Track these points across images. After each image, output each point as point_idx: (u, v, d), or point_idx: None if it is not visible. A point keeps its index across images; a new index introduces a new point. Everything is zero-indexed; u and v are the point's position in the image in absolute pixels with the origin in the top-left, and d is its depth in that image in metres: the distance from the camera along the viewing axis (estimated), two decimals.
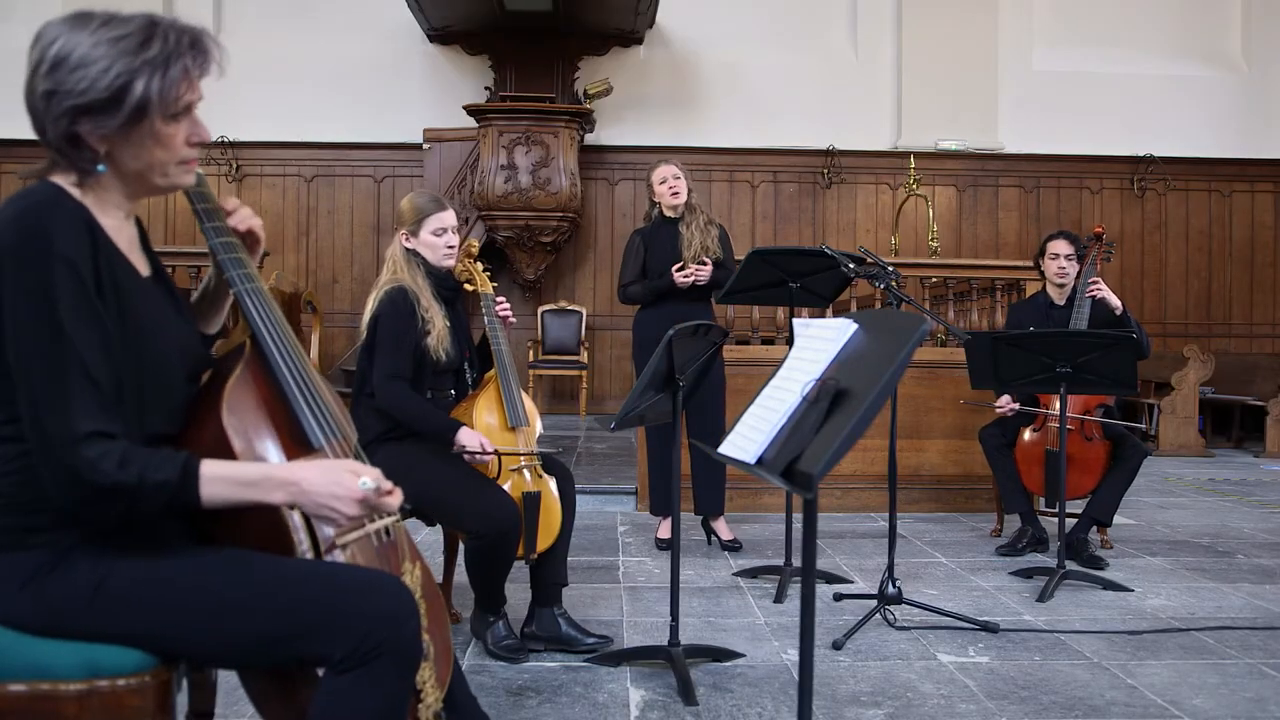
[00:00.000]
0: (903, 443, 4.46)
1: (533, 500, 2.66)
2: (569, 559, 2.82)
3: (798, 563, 3.32)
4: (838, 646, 2.82)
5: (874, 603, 3.09)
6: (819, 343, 1.61)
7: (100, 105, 1.24)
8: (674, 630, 2.58)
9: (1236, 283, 9.59)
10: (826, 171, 9.34)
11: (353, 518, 1.30)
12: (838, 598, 3.33)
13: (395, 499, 1.35)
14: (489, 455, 2.63)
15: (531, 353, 8.63)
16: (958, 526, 4.68)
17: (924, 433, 5.03)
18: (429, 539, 3.82)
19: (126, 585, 1.29)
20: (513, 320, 2.91)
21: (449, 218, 2.78)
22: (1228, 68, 9.57)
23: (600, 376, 9.15)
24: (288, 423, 1.42)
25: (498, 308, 2.89)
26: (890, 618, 3.05)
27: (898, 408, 3.45)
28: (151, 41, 1.26)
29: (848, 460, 4.73)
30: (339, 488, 1.28)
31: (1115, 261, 9.12)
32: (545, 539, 2.70)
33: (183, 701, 1.47)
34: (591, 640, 2.75)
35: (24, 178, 1.34)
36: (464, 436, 2.63)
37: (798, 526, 3.45)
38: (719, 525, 4.16)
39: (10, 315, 1.20)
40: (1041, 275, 4.31)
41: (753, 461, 1.53)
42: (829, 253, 3.34)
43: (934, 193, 9.01)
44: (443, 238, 2.76)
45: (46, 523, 1.28)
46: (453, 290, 2.83)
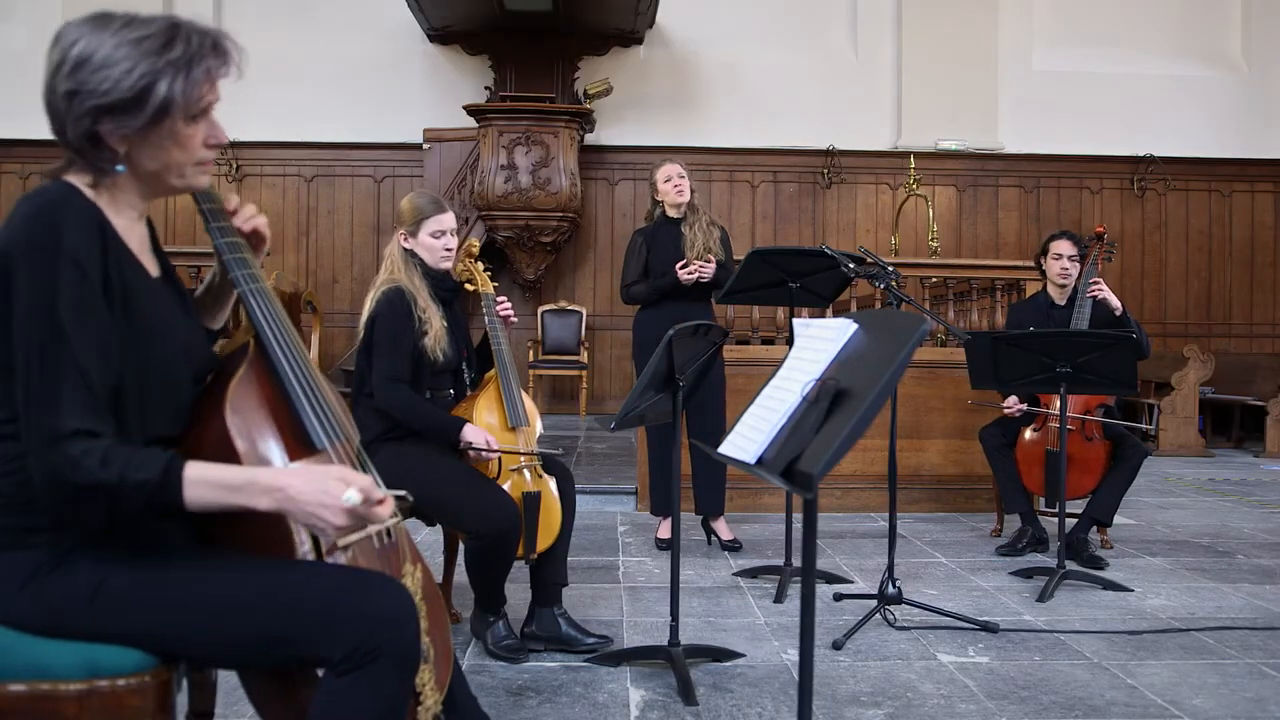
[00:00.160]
0: (903, 443, 4.46)
1: (533, 500, 2.66)
2: (569, 559, 2.82)
3: (798, 563, 3.32)
4: (838, 646, 2.82)
5: (874, 603, 3.09)
6: (819, 343, 1.61)
7: (123, 105, 1.26)
8: (674, 630, 2.58)
9: (1236, 283, 9.59)
10: (826, 171, 9.34)
11: (340, 528, 1.28)
12: (838, 598, 3.32)
13: (386, 509, 1.32)
14: (495, 453, 2.63)
15: (531, 353, 8.63)
16: (958, 526, 4.68)
17: (924, 433, 5.03)
18: (429, 539, 3.82)
19: (127, 585, 1.29)
20: (514, 320, 2.91)
21: (448, 220, 2.78)
22: (1228, 68, 9.57)
23: (600, 376, 9.16)
24: (291, 423, 1.42)
25: (499, 307, 2.88)
26: (890, 618, 3.05)
27: (898, 408, 3.45)
28: (174, 43, 1.28)
29: (848, 460, 4.73)
30: (327, 496, 1.25)
31: (1115, 261, 9.12)
32: (545, 539, 2.70)
33: (183, 701, 1.47)
34: (591, 640, 2.75)
35: (42, 176, 1.35)
36: (469, 433, 2.63)
37: (798, 526, 3.45)
38: (719, 525, 4.16)
39: (16, 312, 1.22)
40: (1042, 275, 4.30)
41: (753, 461, 1.53)
42: (829, 253, 3.34)
43: (934, 193, 9.01)
44: (441, 240, 2.76)
45: (47, 522, 1.28)
46: (450, 291, 2.82)
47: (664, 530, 4.17)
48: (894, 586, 3.08)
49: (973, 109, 9.26)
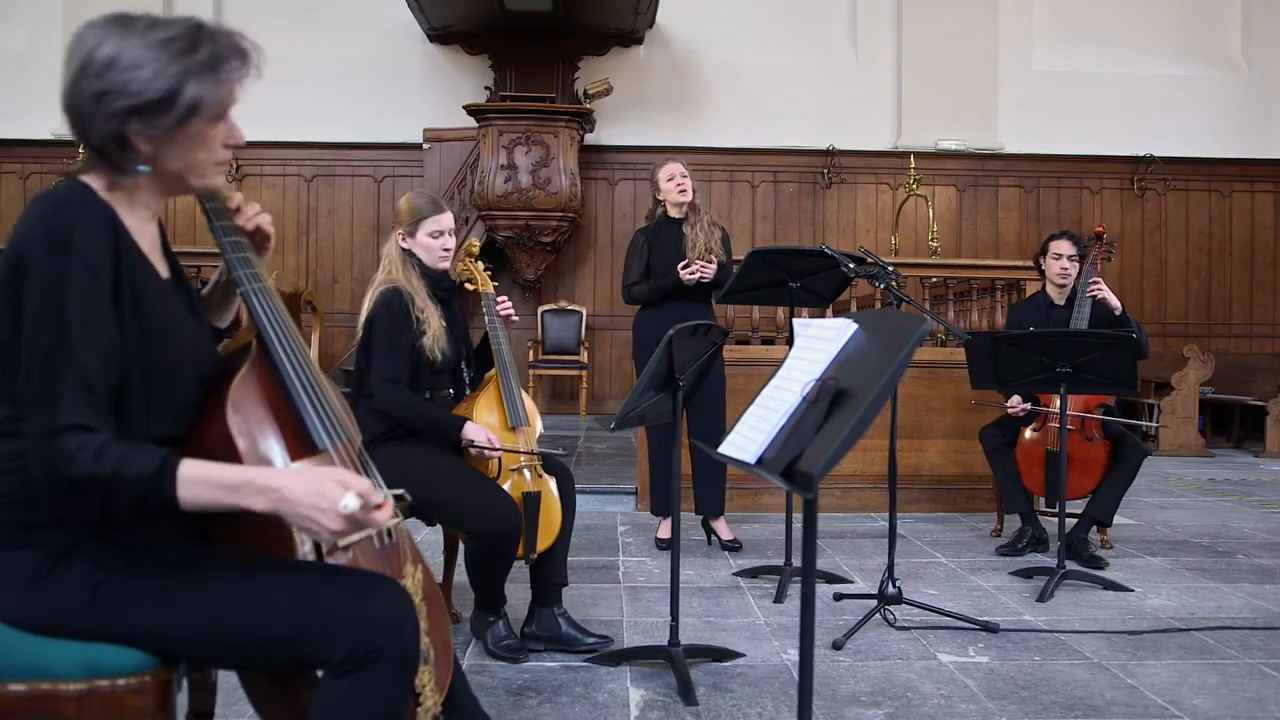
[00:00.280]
0: (903, 443, 4.46)
1: (533, 500, 2.66)
2: (569, 559, 2.82)
3: (798, 563, 3.32)
4: (838, 646, 2.82)
5: (874, 603, 3.09)
6: (819, 343, 1.61)
7: (153, 106, 1.26)
8: (674, 630, 2.58)
9: (1236, 283, 9.59)
10: (826, 171, 9.34)
11: (335, 532, 1.26)
12: (838, 598, 3.32)
13: (384, 513, 1.30)
14: (497, 451, 2.63)
15: (531, 353, 8.63)
16: (958, 526, 4.68)
17: (924, 433, 5.03)
18: (429, 539, 3.81)
19: (126, 585, 1.29)
20: (515, 319, 2.90)
21: (446, 220, 2.77)
22: (1228, 68, 9.57)
23: (600, 376, 9.15)
24: (292, 423, 1.42)
25: (499, 306, 2.88)
26: (890, 618, 3.05)
27: (898, 408, 3.45)
28: (200, 44, 1.29)
29: (848, 460, 4.73)
30: (322, 499, 1.23)
31: (1115, 261, 9.12)
32: (545, 539, 2.70)
33: (183, 701, 1.47)
34: (591, 640, 2.75)
35: (58, 176, 1.36)
36: (471, 430, 2.63)
37: (798, 526, 3.45)
38: (719, 525, 4.16)
39: (25, 309, 1.23)
40: (1042, 275, 4.30)
41: (753, 461, 1.53)
42: (829, 253, 3.33)
43: (934, 193, 9.01)
44: (439, 240, 2.76)
45: (47, 521, 1.28)
46: (449, 290, 2.82)
47: (664, 530, 4.17)
48: (894, 586, 3.08)
49: (973, 109, 9.26)
